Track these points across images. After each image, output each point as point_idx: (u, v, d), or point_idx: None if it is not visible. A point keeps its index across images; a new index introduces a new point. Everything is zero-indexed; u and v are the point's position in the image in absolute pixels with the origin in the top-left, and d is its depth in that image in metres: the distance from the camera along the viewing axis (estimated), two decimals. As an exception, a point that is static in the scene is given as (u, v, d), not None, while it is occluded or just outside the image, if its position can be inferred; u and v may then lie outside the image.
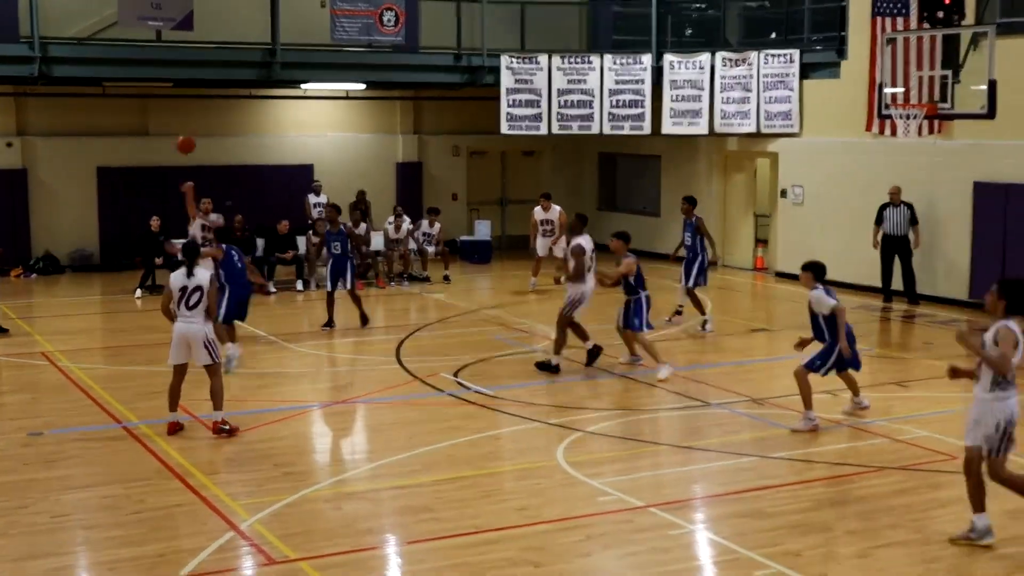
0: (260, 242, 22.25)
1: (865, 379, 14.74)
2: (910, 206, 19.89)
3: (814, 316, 12.31)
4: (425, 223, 23.73)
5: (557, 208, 22.26)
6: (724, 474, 10.91)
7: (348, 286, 17.73)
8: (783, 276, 23.27)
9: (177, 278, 11.83)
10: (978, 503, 8.76)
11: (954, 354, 12.37)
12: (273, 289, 21.37)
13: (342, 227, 18.03)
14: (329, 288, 17.78)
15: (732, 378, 14.68)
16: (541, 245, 22.29)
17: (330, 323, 17.67)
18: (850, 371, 12.56)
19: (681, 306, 18.46)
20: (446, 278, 23.00)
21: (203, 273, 11.94)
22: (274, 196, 24.85)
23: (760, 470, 10.93)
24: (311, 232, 22.24)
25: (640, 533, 9.23)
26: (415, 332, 17.86)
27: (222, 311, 14.54)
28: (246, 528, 9.29)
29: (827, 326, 12.21)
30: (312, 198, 23.79)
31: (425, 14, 23.81)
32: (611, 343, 15.44)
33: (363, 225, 22.78)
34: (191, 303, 11.74)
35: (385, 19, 22.66)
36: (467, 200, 28.35)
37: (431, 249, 23.50)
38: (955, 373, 8.94)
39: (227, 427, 11.86)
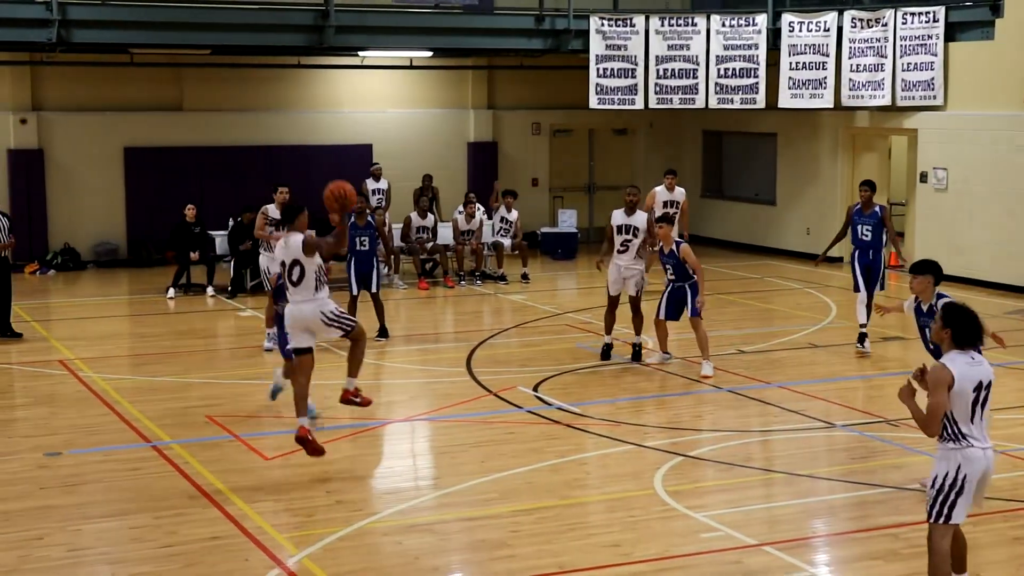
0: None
1: (1021, 397, 14.57)
2: None
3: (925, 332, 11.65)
4: (502, 208, 23.78)
5: (681, 190, 22.08)
6: (851, 508, 10.82)
7: (375, 289, 17.73)
8: (922, 275, 23.00)
9: (278, 249, 12.04)
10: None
11: None
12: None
13: (370, 219, 18.00)
14: (354, 292, 17.51)
15: (860, 395, 14.59)
16: None
17: (383, 332, 17.70)
18: None
19: (864, 327, 17.07)
20: (524, 276, 23.07)
21: (297, 238, 11.77)
22: (326, 181, 24.96)
23: (894, 504, 10.81)
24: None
25: (751, 575, 9.19)
26: (489, 339, 17.94)
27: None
28: (293, 565, 9.39)
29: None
30: (371, 183, 23.97)
31: (502, -31, 23.96)
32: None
33: (430, 216, 23.00)
34: (294, 278, 11.66)
35: (456, -24, 22.83)
36: (549, 186, 28.44)
37: (507, 242, 23.56)
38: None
39: (358, 398, 12.14)
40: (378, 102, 26.99)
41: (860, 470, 11.83)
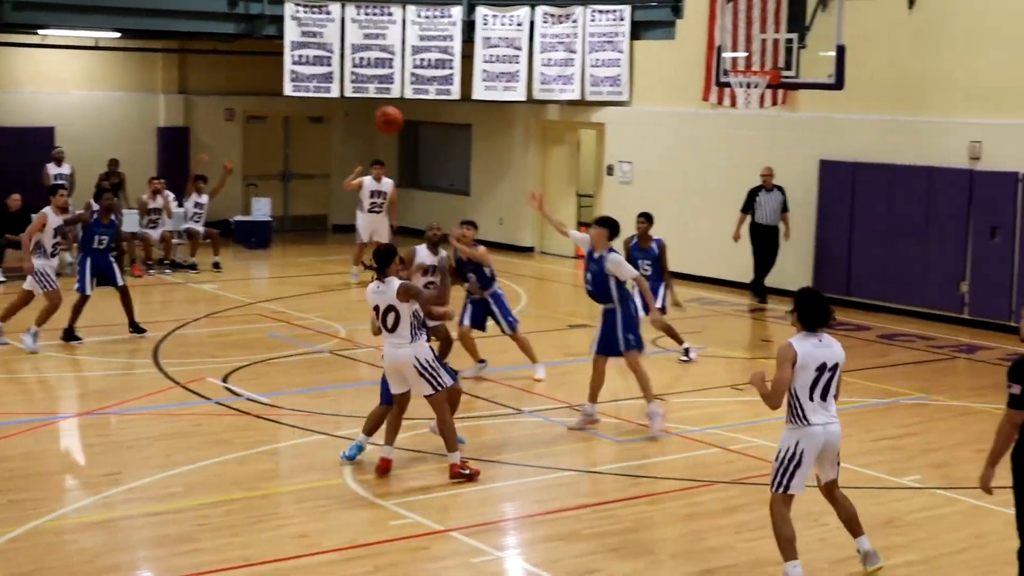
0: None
1: (696, 381, 15.20)
2: (782, 190, 20.15)
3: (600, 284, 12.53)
4: (194, 194, 23.23)
5: (389, 180, 22.07)
6: (536, 491, 11.07)
7: (120, 283, 17.13)
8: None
9: (370, 292, 11.20)
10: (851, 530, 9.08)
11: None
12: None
13: (113, 219, 17.37)
14: (87, 291, 16.70)
15: (547, 381, 14.90)
16: (365, 225, 22.06)
17: (73, 334, 16.73)
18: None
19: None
20: (216, 265, 22.72)
21: (393, 283, 11.04)
22: (4, 166, 24.11)
23: (577, 486, 11.15)
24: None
25: (438, 562, 9.33)
26: (177, 330, 17.61)
27: None
28: (-37, 566, 9.05)
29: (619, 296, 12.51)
30: (52, 168, 23.22)
31: (195, -51, 23.51)
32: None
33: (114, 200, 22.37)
34: (389, 324, 11.06)
35: (144, -46, 22.28)
36: (243, 174, 27.99)
37: (199, 230, 23.11)
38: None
39: (467, 471, 11.12)
40: (61, 83, 26.09)
41: (545, 454, 12.12)
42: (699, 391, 14.74)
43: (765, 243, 20.29)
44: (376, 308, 11.07)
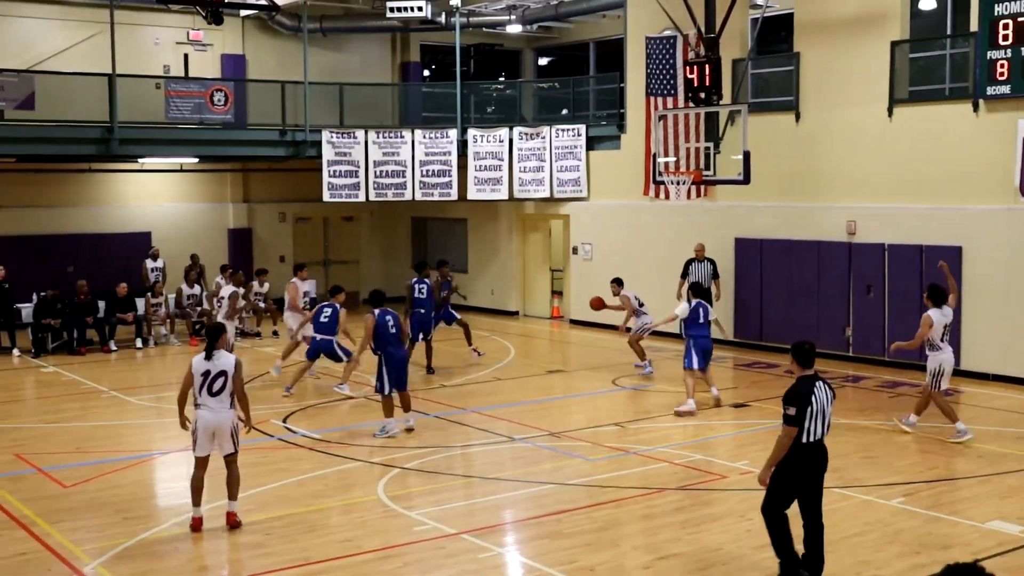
0: (101, 304, 21.50)
1: (648, 411, 15.17)
2: (712, 262, 20.12)
3: None
4: (256, 283, 23.30)
5: (312, 281, 20.65)
6: (527, 501, 11.03)
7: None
8: (576, 323, 23.76)
9: (198, 362, 9.97)
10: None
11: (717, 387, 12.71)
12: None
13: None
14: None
15: (533, 415, 14.87)
16: (294, 321, 18.61)
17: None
18: None
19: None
20: (275, 334, 22.66)
21: (226, 357, 10.04)
22: (114, 262, 24.10)
23: (558, 496, 11.11)
24: (149, 294, 21.71)
25: (452, 557, 9.27)
26: (247, 384, 17.44)
27: (385, 382, 13.45)
28: (89, 572, 8.95)
29: None
30: (149, 263, 23.18)
31: (252, 94, 23.66)
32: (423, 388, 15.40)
33: (197, 287, 22.44)
34: (214, 389, 9.94)
35: (216, 99, 22.46)
36: (293, 261, 27.92)
37: (262, 306, 23.09)
38: None
39: (239, 522, 10.08)
40: (155, 198, 26.10)
41: (533, 472, 12.08)
42: (651, 418, 14.72)
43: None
44: (206, 373, 9.86)
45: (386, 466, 12.22)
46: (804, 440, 8.15)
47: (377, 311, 13.69)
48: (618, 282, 18.35)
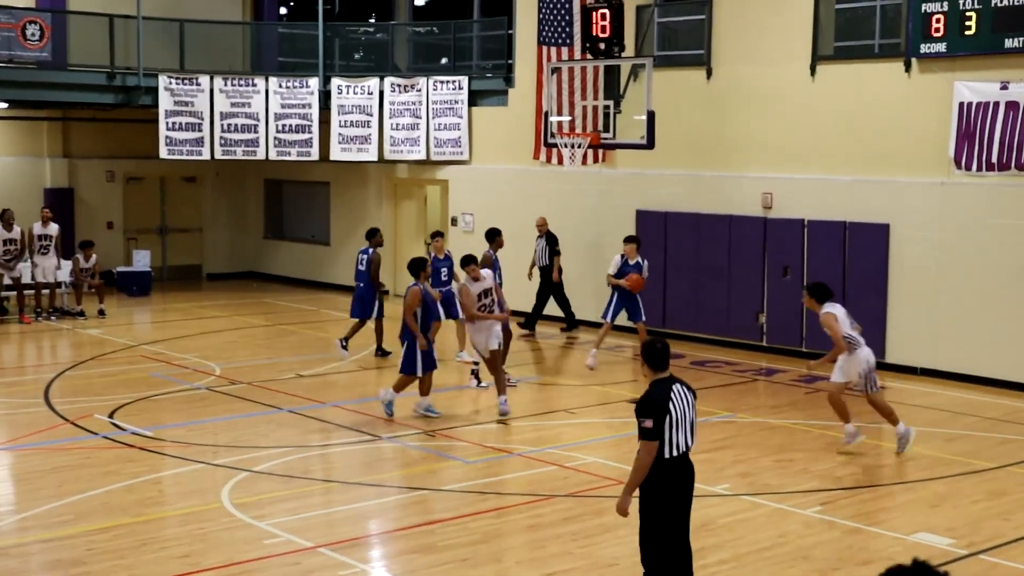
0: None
1: (534, 407, 15.27)
2: (551, 238, 20.63)
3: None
4: (81, 258, 22.66)
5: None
6: (396, 509, 11.02)
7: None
8: (455, 305, 23.77)
9: None
10: None
11: (613, 380, 12.92)
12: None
13: None
14: None
15: (402, 410, 14.82)
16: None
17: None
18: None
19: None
20: (101, 312, 22.16)
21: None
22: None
23: (431, 503, 11.11)
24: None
25: (309, 574, 9.19)
26: (66, 371, 17.12)
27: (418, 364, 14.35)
28: None
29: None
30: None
31: (74, 29, 23.01)
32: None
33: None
34: None
35: (28, 33, 21.76)
36: (124, 228, 27.43)
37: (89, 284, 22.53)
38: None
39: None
40: (-46, 149, 25.32)
41: (404, 476, 12.06)
42: (536, 416, 14.81)
43: (543, 281, 21.04)
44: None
45: (232, 469, 12.07)
46: (667, 455, 7.89)
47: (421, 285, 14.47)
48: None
